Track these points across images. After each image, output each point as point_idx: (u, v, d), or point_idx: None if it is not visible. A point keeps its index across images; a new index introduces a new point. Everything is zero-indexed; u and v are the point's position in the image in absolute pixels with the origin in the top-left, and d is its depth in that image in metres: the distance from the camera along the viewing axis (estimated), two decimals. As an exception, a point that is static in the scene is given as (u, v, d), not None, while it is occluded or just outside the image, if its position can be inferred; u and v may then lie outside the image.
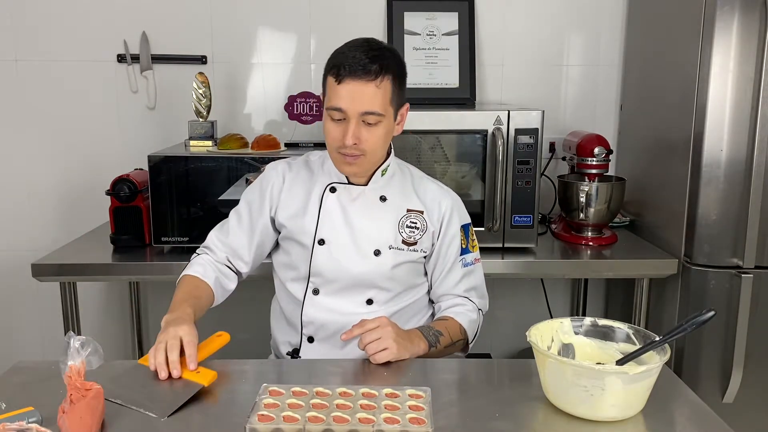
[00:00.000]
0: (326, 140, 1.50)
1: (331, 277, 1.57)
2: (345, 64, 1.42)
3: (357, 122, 1.43)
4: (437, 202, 1.61)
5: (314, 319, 1.59)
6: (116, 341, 2.73)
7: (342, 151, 1.46)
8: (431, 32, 2.52)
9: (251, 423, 1.10)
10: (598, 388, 1.12)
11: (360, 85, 1.42)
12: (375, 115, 1.44)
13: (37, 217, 2.63)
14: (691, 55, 2.03)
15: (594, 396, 1.13)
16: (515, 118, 2.07)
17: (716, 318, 2.01)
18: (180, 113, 2.48)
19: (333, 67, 1.44)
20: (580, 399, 1.15)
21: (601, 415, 1.15)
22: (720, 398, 2.07)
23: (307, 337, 1.61)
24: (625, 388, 1.13)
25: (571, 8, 2.58)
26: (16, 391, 1.25)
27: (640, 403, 1.18)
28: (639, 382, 1.14)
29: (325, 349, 1.59)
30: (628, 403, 1.16)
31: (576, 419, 1.17)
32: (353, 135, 1.43)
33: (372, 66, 1.41)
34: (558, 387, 1.18)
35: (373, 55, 1.43)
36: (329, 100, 1.46)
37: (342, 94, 1.42)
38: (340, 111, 1.43)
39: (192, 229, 2.10)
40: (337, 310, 1.57)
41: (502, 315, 2.73)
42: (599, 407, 1.14)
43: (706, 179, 2.01)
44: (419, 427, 1.09)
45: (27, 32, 2.51)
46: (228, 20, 2.54)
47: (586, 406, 1.15)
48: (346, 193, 1.57)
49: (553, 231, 2.39)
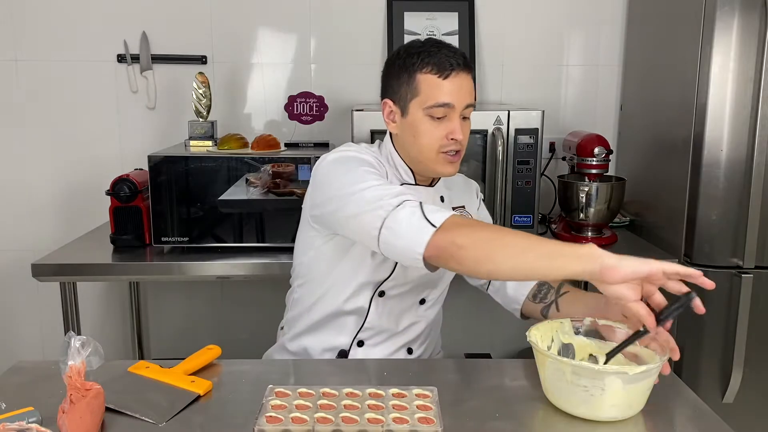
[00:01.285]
0: (420, 142, 1.42)
1: (401, 280, 1.51)
2: (447, 60, 1.40)
3: (459, 116, 1.42)
4: (469, 191, 1.65)
5: (376, 324, 1.53)
6: (116, 341, 2.73)
7: (446, 149, 1.42)
8: (431, 32, 2.52)
9: (260, 425, 1.10)
10: (598, 388, 1.12)
11: (465, 78, 1.42)
12: (472, 107, 1.44)
13: (37, 217, 2.63)
14: (691, 55, 2.03)
15: (594, 396, 1.13)
16: (515, 118, 2.07)
17: (716, 318, 2.04)
18: (180, 113, 2.49)
19: (431, 65, 1.40)
20: (581, 399, 1.15)
21: (601, 415, 1.15)
22: (720, 398, 2.07)
23: (358, 342, 1.55)
24: (625, 388, 1.13)
25: (571, 8, 2.58)
26: (16, 391, 1.25)
27: (640, 403, 1.18)
28: (639, 382, 1.14)
29: (374, 355, 1.55)
30: (629, 403, 1.16)
31: (576, 419, 1.17)
32: (462, 130, 1.42)
33: (465, 60, 1.43)
34: (558, 387, 1.18)
35: (455, 48, 1.44)
36: (431, 98, 1.40)
37: (449, 89, 1.40)
38: (448, 106, 1.40)
39: (192, 229, 2.10)
40: (396, 312, 1.54)
41: (502, 315, 2.72)
42: (599, 407, 1.14)
43: (706, 179, 2.01)
44: (428, 427, 1.10)
45: (27, 32, 2.52)
46: (228, 20, 2.54)
47: (587, 407, 1.15)
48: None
49: (554, 231, 2.39)
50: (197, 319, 2.75)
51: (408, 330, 1.57)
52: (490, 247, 1.19)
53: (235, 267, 2.03)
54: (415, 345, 1.59)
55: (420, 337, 1.59)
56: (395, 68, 1.45)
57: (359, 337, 1.55)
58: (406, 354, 1.58)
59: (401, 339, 1.57)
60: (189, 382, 1.27)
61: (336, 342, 1.56)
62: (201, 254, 2.08)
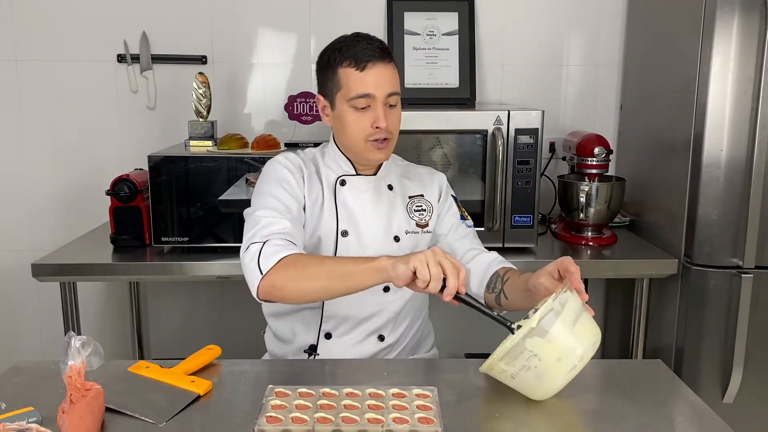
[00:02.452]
0: (348, 132, 1.50)
1: None
2: (364, 52, 1.46)
3: (383, 105, 1.47)
4: (431, 182, 1.67)
5: (336, 313, 1.57)
6: (116, 341, 2.73)
7: (373, 137, 1.48)
8: (431, 32, 2.52)
9: (260, 425, 1.10)
10: (531, 357, 1.14)
11: (383, 68, 1.47)
12: (396, 95, 1.50)
13: (37, 217, 2.63)
14: (691, 55, 2.03)
15: (540, 366, 1.15)
16: (515, 118, 2.07)
17: (716, 318, 2.04)
18: (180, 113, 2.48)
19: (349, 58, 1.47)
20: (535, 377, 1.16)
21: (562, 375, 1.16)
22: (720, 398, 2.07)
23: (325, 333, 1.59)
24: (551, 339, 1.14)
25: (571, 8, 2.58)
26: (16, 391, 1.25)
27: (586, 337, 1.18)
28: (558, 325, 1.15)
29: (343, 345, 1.58)
30: (571, 347, 1.16)
31: (575, 416, 1.17)
32: (385, 118, 1.47)
33: (384, 51, 1.49)
34: (521, 384, 1.20)
35: (377, 41, 1.51)
36: (352, 90, 1.46)
37: (368, 80, 1.46)
38: (368, 97, 1.46)
39: (192, 229, 2.10)
40: (359, 304, 1.56)
41: (502, 315, 2.73)
42: (552, 370, 1.15)
43: (706, 179, 2.01)
44: (428, 427, 1.10)
45: (27, 32, 2.52)
46: (228, 20, 2.54)
47: (545, 379, 1.16)
48: (357, 184, 1.58)
49: (553, 231, 2.39)
50: (197, 319, 2.75)
51: (374, 317, 1.58)
52: (301, 283, 1.34)
53: (235, 267, 2.03)
54: (386, 331, 1.60)
55: (389, 323, 1.60)
56: (322, 64, 1.53)
57: (325, 329, 1.59)
58: (378, 341, 1.59)
59: (368, 326, 1.58)
60: (189, 382, 1.27)
61: (305, 340, 1.61)
62: (201, 254, 2.08)
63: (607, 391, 1.32)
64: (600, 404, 1.27)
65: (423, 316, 1.71)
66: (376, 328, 1.59)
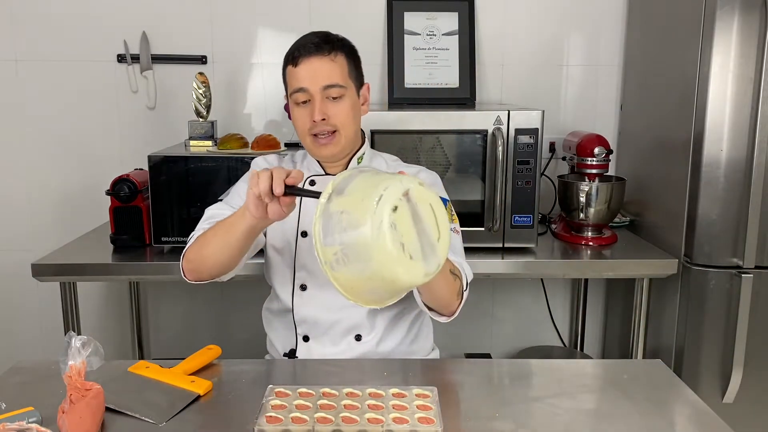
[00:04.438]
0: (297, 130, 1.53)
1: (316, 270, 1.54)
2: (298, 48, 1.49)
3: (321, 99, 1.47)
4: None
5: (306, 317, 1.58)
6: (116, 341, 2.73)
7: (314, 131, 1.49)
8: (431, 32, 2.52)
9: (260, 425, 1.10)
10: (341, 216, 1.03)
11: (316, 61, 1.47)
12: (337, 87, 1.48)
13: (37, 217, 2.63)
14: (691, 55, 2.03)
15: (350, 220, 1.01)
16: (515, 118, 2.07)
17: (716, 318, 2.04)
18: (180, 113, 2.48)
19: (287, 56, 1.51)
20: (352, 226, 1.01)
21: (370, 209, 1.00)
22: (720, 398, 2.07)
23: (302, 336, 1.60)
24: (347, 193, 1.04)
25: (571, 8, 2.58)
26: (16, 391, 1.25)
27: (387, 178, 1.04)
28: (354, 181, 1.05)
29: (321, 347, 1.58)
30: (369, 187, 1.03)
31: (575, 416, 1.17)
32: (320, 110, 1.46)
33: (323, 44, 1.49)
34: (357, 254, 1.03)
35: (322, 35, 1.51)
36: (290, 86, 1.51)
37: (302, 75, 1.47)
38: (303, 91, 1.47)
39: (192, 229, 2.09)
40: (326, 304, 1.55)
41: (502, 315, 2.74)
42: (359, 210, 1.01)
43: (706, 179, 2.01)
44: (428, 427, 1.10)
45: (27, 32, 2.52)
46: (228, 20, 2.54)
47: (361, 220, 1.00)
48: (325, 184, 1.52)
49: (553, 231, 2.39)
50: (197, 319, 2.75)
51: (344, 318, 1.56)
52: (203, 250, 1.43)
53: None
54: (363, 330, 1.57)
55: (364, 322, 1.56)
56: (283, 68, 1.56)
57: (301, 333, 1.60)
58: (355, 341, 1.56)
59: (341, 327, 1.57)
60: (189, 382, 1.27)
61: (286, 344, 1.63)
62: (201, 254, 2.08)
63: (607, 391, 1.32)
64: (600, 404, 1.27)
65: (412, 315, 1.65)
66: (349, 328, 1.57)
